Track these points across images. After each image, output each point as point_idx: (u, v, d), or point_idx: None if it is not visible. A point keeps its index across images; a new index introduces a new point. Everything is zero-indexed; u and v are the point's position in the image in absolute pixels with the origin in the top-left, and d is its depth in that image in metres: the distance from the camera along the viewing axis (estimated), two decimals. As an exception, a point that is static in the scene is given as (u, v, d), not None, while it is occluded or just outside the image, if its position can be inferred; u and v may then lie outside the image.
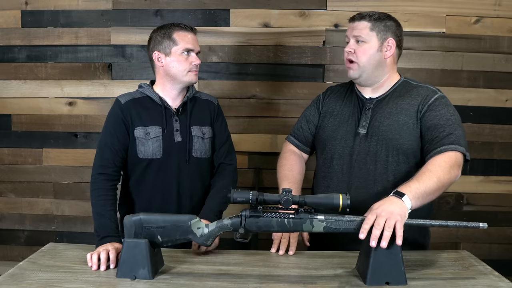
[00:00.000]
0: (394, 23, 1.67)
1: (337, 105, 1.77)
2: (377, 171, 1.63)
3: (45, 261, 1.45)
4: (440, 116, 1.59)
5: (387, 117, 1.65)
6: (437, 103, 1.62)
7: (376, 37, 1.63)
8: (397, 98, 1.67)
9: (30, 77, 2.60)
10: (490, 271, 1.38)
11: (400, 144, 1.62)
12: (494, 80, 2.52)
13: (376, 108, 1.68)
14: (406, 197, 1.35)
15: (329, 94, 1.83)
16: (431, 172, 1.45)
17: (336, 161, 1.69)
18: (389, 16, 1.68)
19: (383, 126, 1.64)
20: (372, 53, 1.64)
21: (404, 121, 1.63)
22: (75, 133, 2.61)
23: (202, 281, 1.32)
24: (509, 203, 2.57)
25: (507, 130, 2.54)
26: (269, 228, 1.33)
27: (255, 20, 2.52)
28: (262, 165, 2.58)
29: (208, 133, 1.83)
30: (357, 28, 1.65)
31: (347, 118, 1.72)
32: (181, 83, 1.77)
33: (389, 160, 1.63)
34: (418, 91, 1.67)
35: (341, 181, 1.68)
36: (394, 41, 1.66)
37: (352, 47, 1.65)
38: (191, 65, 1.74)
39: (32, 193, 2.65)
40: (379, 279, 1.27)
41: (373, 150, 1.64)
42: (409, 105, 1.65)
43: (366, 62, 1.64)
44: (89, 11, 2.54)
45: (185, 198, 1.78)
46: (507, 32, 2.49)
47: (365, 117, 1.68)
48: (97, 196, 1.66)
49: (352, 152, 1.67)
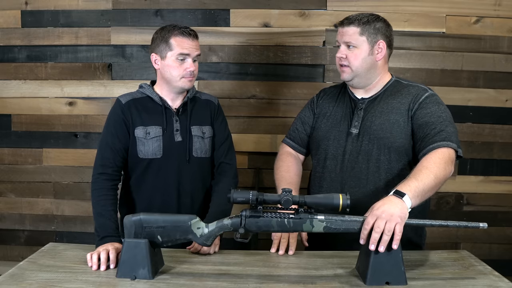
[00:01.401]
0: (383, 24, 1.68)
1: (330, 106, 1.79)
2: (370, 170, 1.65)
3: (45, 261, 1.45)
4: (431, 114, 1.61)
5: (378, 116, 1.67)
6: (428, 101, 1.64)
7: (366, 41, 1.65)
8: (389, 98, 1.70)
9: (30, 77, 2.60)
10: (490, 271, 1.38)
11: (391, 142, 1.64)
12: (494, 80, 2.52)
13: (368, 108, 1.70)
14: (407, 196, 1.35)
15: (322, 96, 1.86)
16: (428, 169, 1.46)
17: (329, 161, 1.72)
18: (378, 17, 1.69)
19: (375, 125, 1.66)
20: (364, 57, 1.66)
21: (395, 120, 1.65)
22: (75, 133, 2.61)
23: (202, 281, 1.32)
24: (509, 203, 2.57)
25: (507, 130, 2.54)
26: (269, 228, 1.33)
27: (255, 20, 2.52)
28: (262, 165, 2.58)
29: (208, 133, 1.83)
30: (346, 34, 1.66)
31: (339, 118, 1.74)
32: (175, 88, 1.76)
33: (381, 158, 1.65)
34: (409, 90, 1.69)
35: (334, 180, 1.70)
36: (384, 43, 1.67)
37: (343, 53, 1.67)
38: (185, 71, 1.72)
39: (32, 193, 2.65)
40: (379, 279, 1.27)
41: (365, 149, 1.66)
42: (400, 104, 1.67)
43: (358, 66, 1.66)
44: (89, 11, 2.54)
45: (185, 198, 1.78)
46: (507, 32, 2.49)
47: (357, 117, 1.70)
48: (98, 196, 1.66)
49: (344, 152, 1.69)
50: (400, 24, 2.47)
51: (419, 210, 1.63)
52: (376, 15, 1.69)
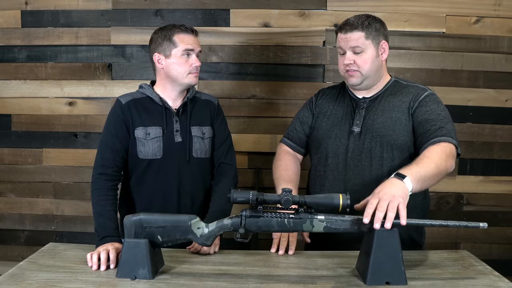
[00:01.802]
0: (380, 24, 1.70)
1: (330, 106, 1.80)
2: (373, 168, 1.66)
3: (45, 261, 1.45)
4: (431, 111, 1.63)
5: (380, 114, 1.69)
6: (427, 99, 1.66)
7: (372, 44, 1.66)
8: (389, 96, 1.72)
9: (30, 77, 2.60)
10: (490, 271, 1.38)
11: (394, 140, 1.65)
12: (494, 80, 2.52)
13: (369, 107, 1.72)
14: (408, 179, 1.37)
15: (321, 96, 1.87)
16: (429, 158, 1.47)
17: (331, 159, 1.72)
18: (374, 17, 1.70)
19: (377, 123, 1.68)
20: (372, 60, 1.67)
21: (397, 117, 1.67)
22: (75, 133, 2.61)
23: (202, 281, 1.32)
24: (509, 203, 2.57)
25: (507, 130, 2.54)
26: (269, 228, 1.33)
27: (255, 20, 2.52)
28: (262, 165, 2.58)
29: (208, 133, 1.83)
30: (352, 39, 1.66)
31: (340, 117, 1.75)
32: (181, 85, 1.77)
33: (384, 156, 1.66)
34: (408, 90, 1.72)
35: (336, 179, 1.70)
36: (386, 42, 1.70)
37: (351, 59, 1.67)
38: (191, 67, 1.74)
39: (32, 193, 2.65)
40: (379, 279, 1.27)
41: (368, 147, 1.67)
42: (401, 102, 1.69)
43: (368, 70, 1.67)
44: (89, 11, 2.54)
45: (185, 198, 1.78)
46: (507, 32, 2.49)
47: (359, 116, 1.71)
48: (98, 196, 1.66)
49: (347, 150, 1.70)
50: (400, 24, 2.47)
51: (421, 208, 1.66)
52: (371, 15, 1.71)
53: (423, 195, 1.71)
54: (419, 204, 1.68)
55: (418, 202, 1.67)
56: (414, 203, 1.64)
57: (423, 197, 1.71)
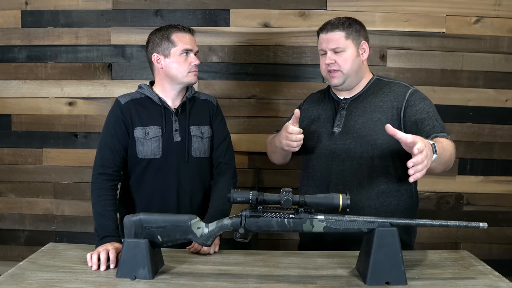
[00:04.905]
0: (360, 26, 1.75)
1: (314, 110, 1.84)
2: (353, 168, 1.69)
3: (45, 261, 1.45)
4: (421, 111, 1.65)
5: (361, 115, 1.71)
6: (413, 98, 1.69)
7: (352, 44, 1.70)
8: (371, 96, 1.74)
9: (30, 77, 2.60)
10: (490, 271, 1.39)
11: (374, 140, 1.67)
12: (494, 80, 2.51)
13: (350, 107, 1.75)
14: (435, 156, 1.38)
15: (308, 101, 1.92)
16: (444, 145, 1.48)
17: (315, 160, 1.77)
18: (355, 19, 1.75)
19: (358, 124, 1.70)
20: (353, 59, 1.70)
21: (377, 118, 1.69)
22: (75, 133, 2.61)
23: (202, 281, 1.32)
24: (509, 203, 2.57)
25: (507, 130, 2.54)
26: (269, 228, 1.33)
27: (255, 20, 2.52)
28: (262, 165, 2.58)
29: (207, 133, 1.84)
30: (332, 40, 1.70)
31: (323, 120, 1.79)
32: (181, 84, 1.78)
33: (364, 156, 1.68)
34: (390, 88, 1.74)
35: (320, 179, 1.74)
36: (367, 43, 1.74)
37: (332, 58, 1.70)
38: (191, 65, 1.75)
39: (32, 193, 2.65)
40: (379, 279, 1.27)
41: (349, 148, 1.70)
42: (382, 102, 1.71)
43: (349, 69, 1.71)
44: (89, 11, 2.54)
45: (185, 197, 1.78)
46: (507, 32, 2.49)
47: (340, 117, 1.74)
48: (98, 196, 1.66)
49: (329, 151, 1.73)
50: (400, 24, 2.47)
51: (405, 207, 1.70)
52: (352, 18, 1.75)
53: (409, 194, 1.73)
54: (403, 202, 1.70)
55: (402, 201, 1.70)
56: (398, 202, 1.68)
57: (409, 196, 1.73)
